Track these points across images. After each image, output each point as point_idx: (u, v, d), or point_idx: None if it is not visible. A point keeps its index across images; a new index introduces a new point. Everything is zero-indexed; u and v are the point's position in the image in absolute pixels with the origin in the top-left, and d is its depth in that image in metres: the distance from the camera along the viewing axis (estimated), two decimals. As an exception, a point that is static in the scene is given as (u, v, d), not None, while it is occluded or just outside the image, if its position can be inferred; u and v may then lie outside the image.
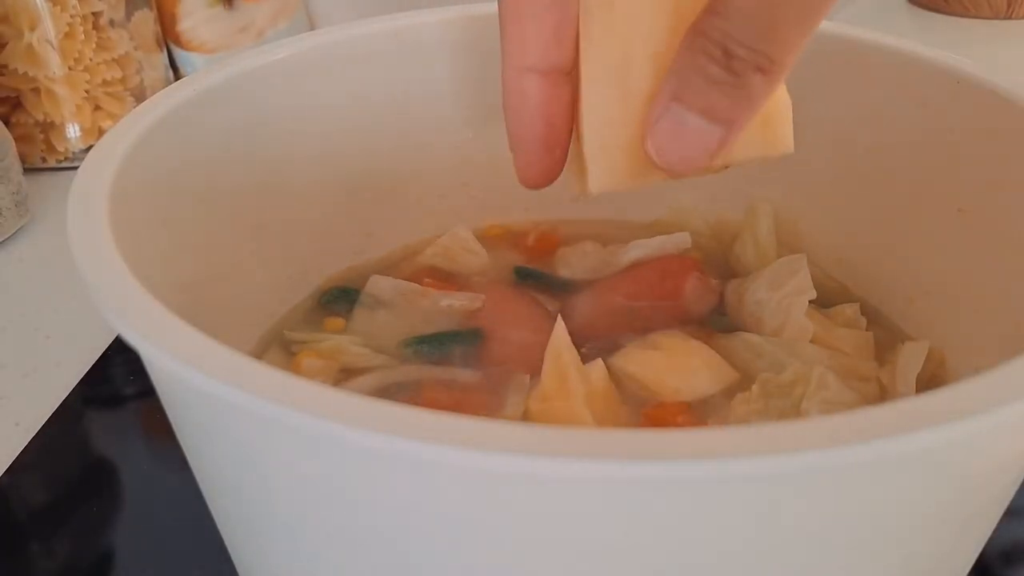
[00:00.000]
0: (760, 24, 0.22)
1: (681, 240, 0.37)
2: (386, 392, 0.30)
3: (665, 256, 0.36)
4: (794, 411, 0.29)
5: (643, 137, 0.24)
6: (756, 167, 0.37)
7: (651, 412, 0.29)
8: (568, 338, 0.29)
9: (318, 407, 0.16)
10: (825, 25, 0.34)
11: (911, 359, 0.31)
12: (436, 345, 0.32)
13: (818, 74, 0.34)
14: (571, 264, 0.37)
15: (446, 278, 0.36)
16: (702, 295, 0.33)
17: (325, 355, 0.32)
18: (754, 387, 0.29)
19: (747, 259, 0.37)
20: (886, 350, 0.32)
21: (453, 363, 0.32)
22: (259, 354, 0.33)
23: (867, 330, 0.33)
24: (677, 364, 0.30)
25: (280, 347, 0.33)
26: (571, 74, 0.25)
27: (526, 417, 0.28)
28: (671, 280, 0.34)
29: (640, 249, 0.36)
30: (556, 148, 0.26)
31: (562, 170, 0.27)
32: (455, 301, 0.34)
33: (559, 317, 0.29)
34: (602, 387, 0.29)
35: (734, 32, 0.22)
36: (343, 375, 0.31)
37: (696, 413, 0.29)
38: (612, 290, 0.35)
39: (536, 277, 0.36)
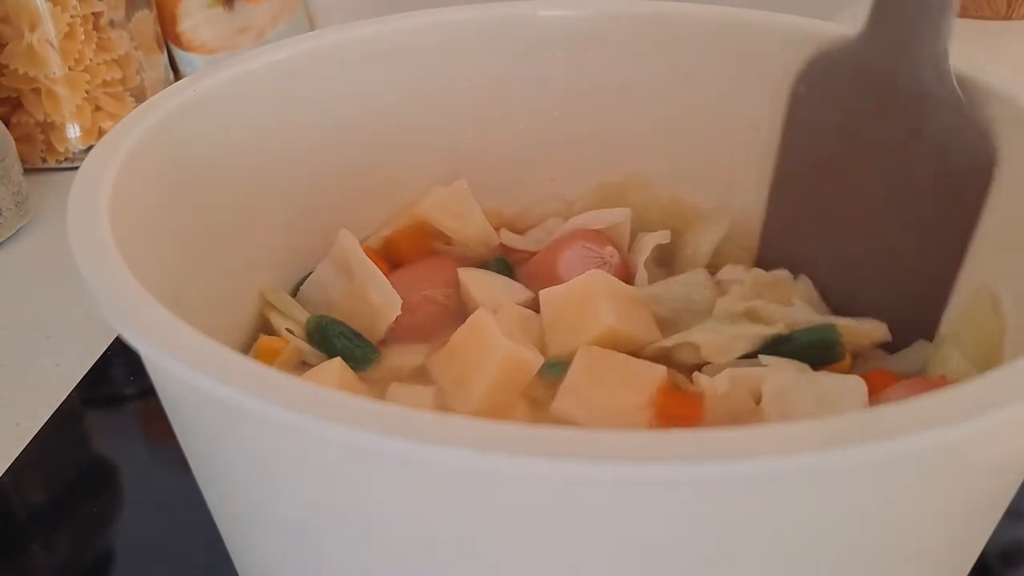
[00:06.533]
0: None
1: (616, 215, 0.36)
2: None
3: (575, 230, 0.36)
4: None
5: None
6: (742, 169, 0.37)
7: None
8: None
9: (319, 409, 0.16)
10: (825, 25, 0.34)
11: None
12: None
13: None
14: (534, 239, 0.38)
15: (431, 238, 0.37)
16: (583, 264, 0.34)
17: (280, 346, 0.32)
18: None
19: (683, 256, 0.36)
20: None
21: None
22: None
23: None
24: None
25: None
26: None
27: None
28: (555, 251, 0.35)
29: (576, 222, 0.37)
30: None
31: None
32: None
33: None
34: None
35: None
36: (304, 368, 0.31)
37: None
38: (531, 263, 0.36)
39: (507, 269, 0.37)
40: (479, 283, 0.34)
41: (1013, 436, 0.19)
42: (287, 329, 0.32)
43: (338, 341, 0.32)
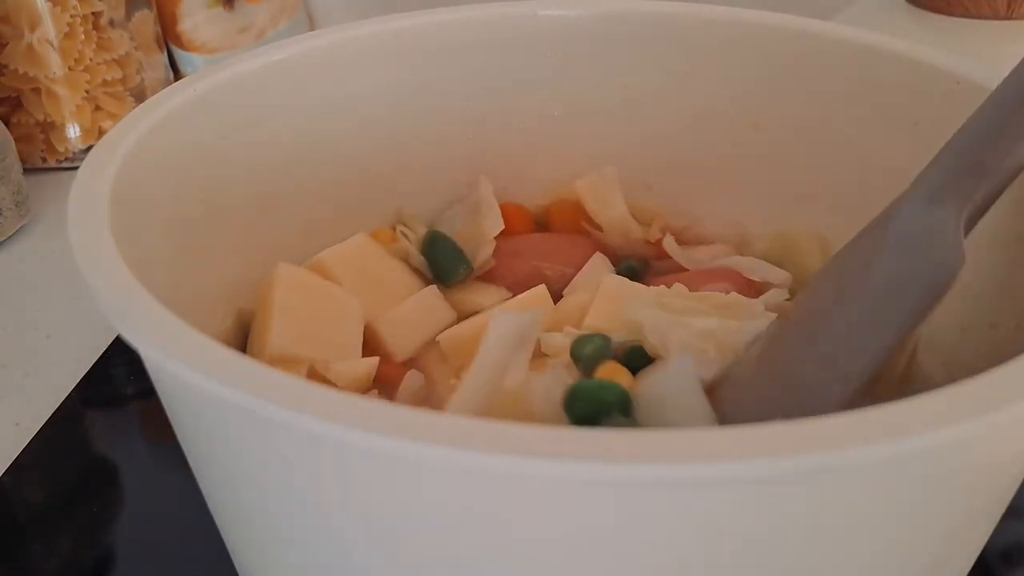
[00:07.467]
0: None
1: (776, 276, 0.35)
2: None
3: (729, 268, 0.36)
4: None
5: None
6: (753, 172, 0.37)
7: None
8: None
9: (319, 408, 0.16)
10: (824, 25, 0.34)
11: None
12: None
13: (816, 75, 0.34)
14: (691, 257, 0.38)
15: (584, 219, 0.39)
16: None
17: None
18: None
19: None
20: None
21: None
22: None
23: None
24: None
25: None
26: None
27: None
28: (701, 281, 0.35)
29: (733, 261, 0.36)
30: None
31: None
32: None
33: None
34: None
35: None
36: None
37: None
38: (672, 276, 0.36)
39: (633, 271, 0.37)
40: (592, 269, 0.36)
41: (1013, 436, 0.19)
42: (401, 232, 0.37)
43: (441, 254, 0.36)
